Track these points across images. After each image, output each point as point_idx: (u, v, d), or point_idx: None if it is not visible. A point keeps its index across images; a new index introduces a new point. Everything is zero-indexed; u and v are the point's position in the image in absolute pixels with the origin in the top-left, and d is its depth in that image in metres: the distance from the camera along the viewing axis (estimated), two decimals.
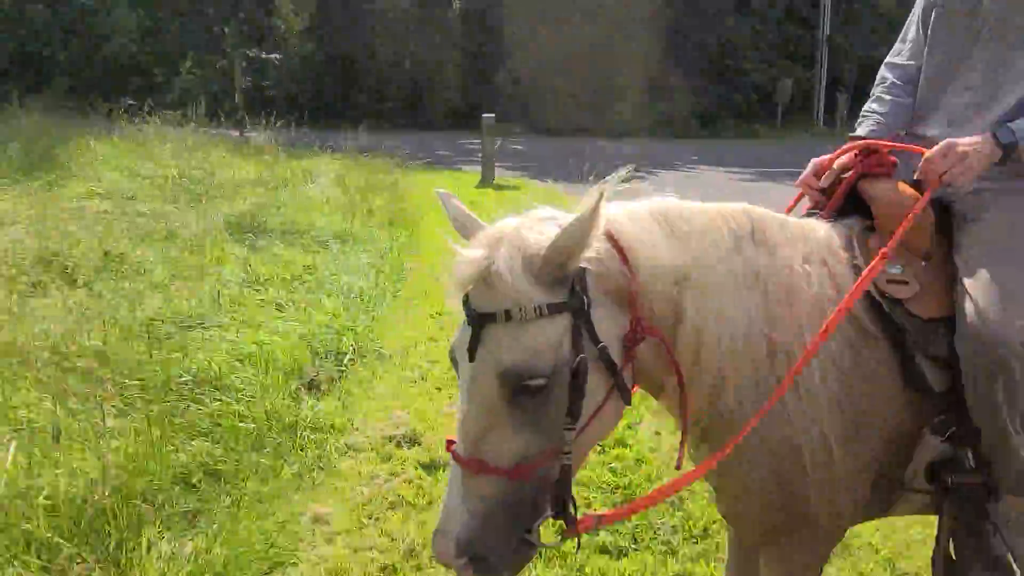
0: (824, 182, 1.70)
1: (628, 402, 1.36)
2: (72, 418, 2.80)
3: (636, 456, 3.30)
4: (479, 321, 1.21)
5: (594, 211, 1.18)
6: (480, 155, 11.97)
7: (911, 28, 1.86)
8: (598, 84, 25.36)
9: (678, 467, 1.48)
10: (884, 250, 1.46)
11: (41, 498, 2.25)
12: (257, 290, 4.86)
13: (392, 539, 2.67)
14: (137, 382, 3.19)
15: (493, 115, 11.92)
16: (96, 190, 7.91)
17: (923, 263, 1.56)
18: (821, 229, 1.59)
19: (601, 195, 1.18)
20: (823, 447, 1.45)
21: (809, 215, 1.74)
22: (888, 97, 1.83)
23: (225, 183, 8.95)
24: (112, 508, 2.28)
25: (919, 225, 1.53)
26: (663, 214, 1.44)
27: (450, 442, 1.27)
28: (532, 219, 1.32)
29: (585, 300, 1.24)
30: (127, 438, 2.71)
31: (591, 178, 1.36)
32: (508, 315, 1.19)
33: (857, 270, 1.50)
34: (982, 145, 1.52)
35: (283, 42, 22.24)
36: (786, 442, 1.44)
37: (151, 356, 3.43)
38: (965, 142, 1.52)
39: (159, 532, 2.38)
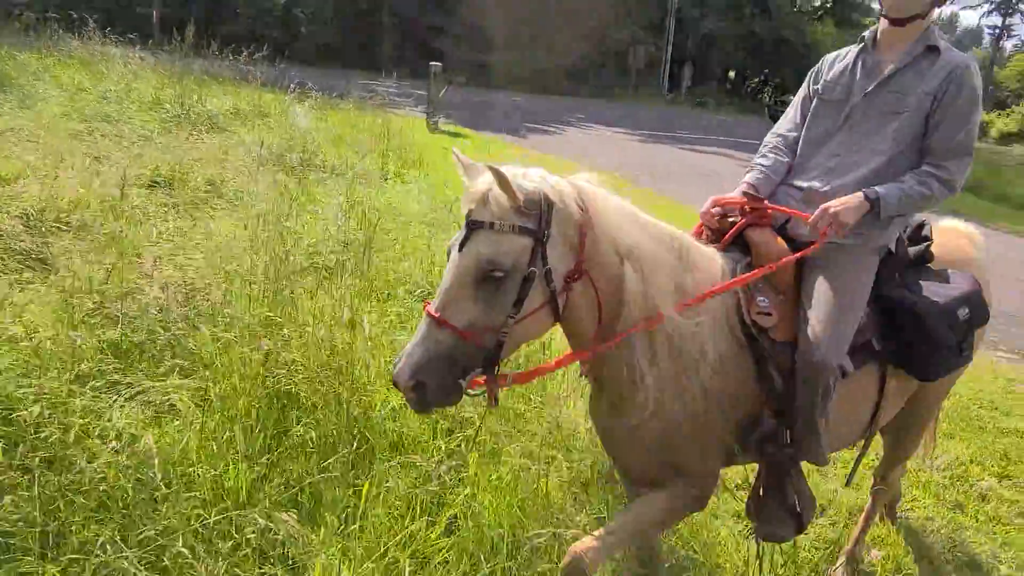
0: (713, 223, 2.18)
1: (555, 320, 1.76)
2: None
3: None
4: (473, 226, 1.65)
5: (561, 190, 1.71)
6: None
7: (793, 109, 2.35)
8: (478, 31, 25.73)
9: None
10: (748, 276, 1.95)
11: None
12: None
13: None
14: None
15: (440, 64, 12.40)
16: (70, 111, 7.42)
17: (782, 298, 2.01)
18: (719, 259, 2.02)
19: (569, 185, 1.74)
20: (702, 418, 1.92)
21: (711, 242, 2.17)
22: (772, 155, 2.28)
23: (202, 112, 8.75)
24: None
25: (783, 269, 1.99)
26: (633, 212, 1.88)
27: (426, 303, 1.68)
28: (526, 170, 1.75)
29: (547, 233, 1.67)
30: None
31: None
32: (492, 225, 1.64)
33: (737, 294, 1.96)
34: (852, 201, 1.96)
35: None
36: (677, 413, 1.89)
37: None
38: (835, 203, 1.96)
39: None
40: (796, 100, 2.35)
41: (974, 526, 3.14)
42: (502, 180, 1.60)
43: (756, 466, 2.16)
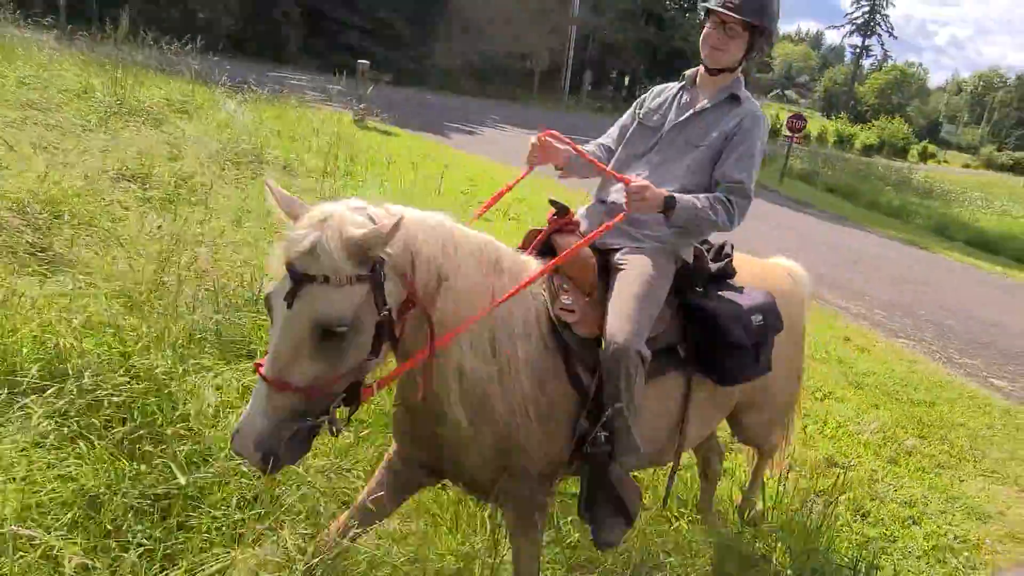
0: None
1: (394, 348, 1.78)
2: None
3: None
4: (301, 280, 1.53)
5: (394, 229, 1.56)
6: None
7: (617, 129, 2.58)
8: (385, 27, 25.66)
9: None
10: (543, 269, 2.03)
11: None
12: None
13: None
14: None
15: (368, 62, 12.47)
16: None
17: (586, 298, 2.09)
18: (532, 264, 2.09)
19: (400, 221, 1.56)
20: (527, 423, 1.98)
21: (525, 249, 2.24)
22: (598, 154, 2.52)
23: (137, 103, 8.51)
24: None
25: (586, 270, 2.10)
26: (448, 230, 1.87)
27: (258, 365, 1.58)
28: (347, 208, 1.65)
29: (382, 275, 1.63)
30: None
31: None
32: (327, 279, 1.53)
33: (543, 297, 2.03)
34: (657, 192, 2.10)
35: None
36: (502, 418, 1.94)
37: None
38: (654, 189, 2.10)
39: None
40: (621, 120, 2.59)
41: (907, 475, 3.83)
42: (333, 233, 1.55)
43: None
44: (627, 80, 40.54)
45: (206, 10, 21.83)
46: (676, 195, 2.12)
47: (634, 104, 2.57)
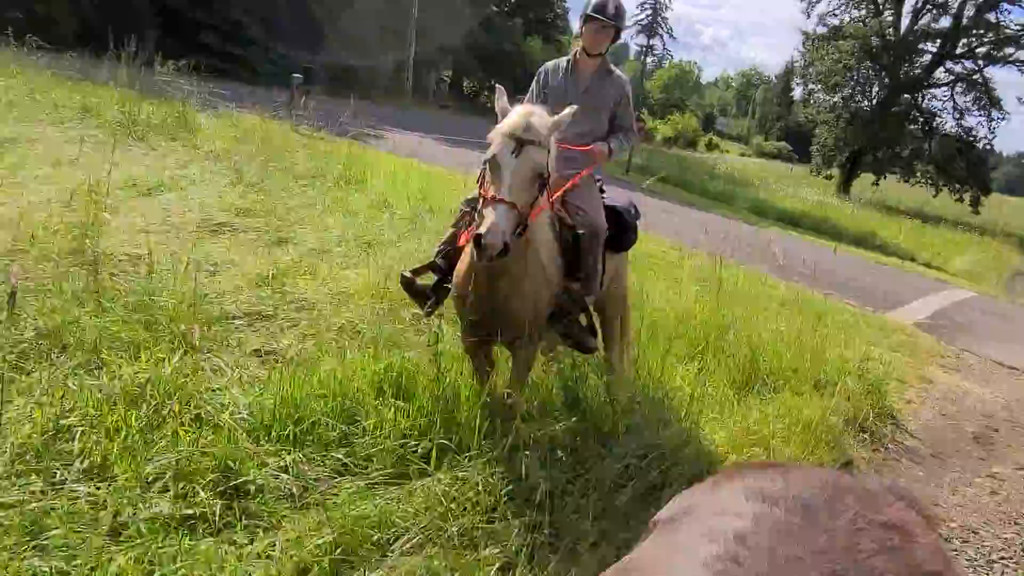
0: None
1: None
2: None
3: None
4: (524, 143, 2.64)
5: (565, 117, 2.83)
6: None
7: (531, 96, 3.62)
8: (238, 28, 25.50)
9: None
10: (568, 185, 3.28)
11: None
12: None
13: None
14: None
15: (301, 76, 13.42)
16: None
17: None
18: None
19: (572, 112, 2.85)
20: (542, 284, 3.03)
21: None
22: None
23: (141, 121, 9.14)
24: None
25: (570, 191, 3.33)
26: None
27: (493, 197, 2.57)
28: (531, 108, 2.83)
29: (549, 149, 2.80)
30: None
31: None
32: (538, 143, 2.67)
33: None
34: (605, 148, 3.49)
35: None
36: (538, 275, 2.98)
37: None
38: (603, 147, 3.49)
39: None
40: (532, 90, 3.66)
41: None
42: (539, 114, 2.75)
43: None
44: (463, 80, 42.82)
45: (49, 7, 20.55)
46: (609, 144, 3.54)
47: (536, 78, 3.69)
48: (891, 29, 31.76)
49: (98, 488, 2.25)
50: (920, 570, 0.87)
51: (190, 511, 2.28)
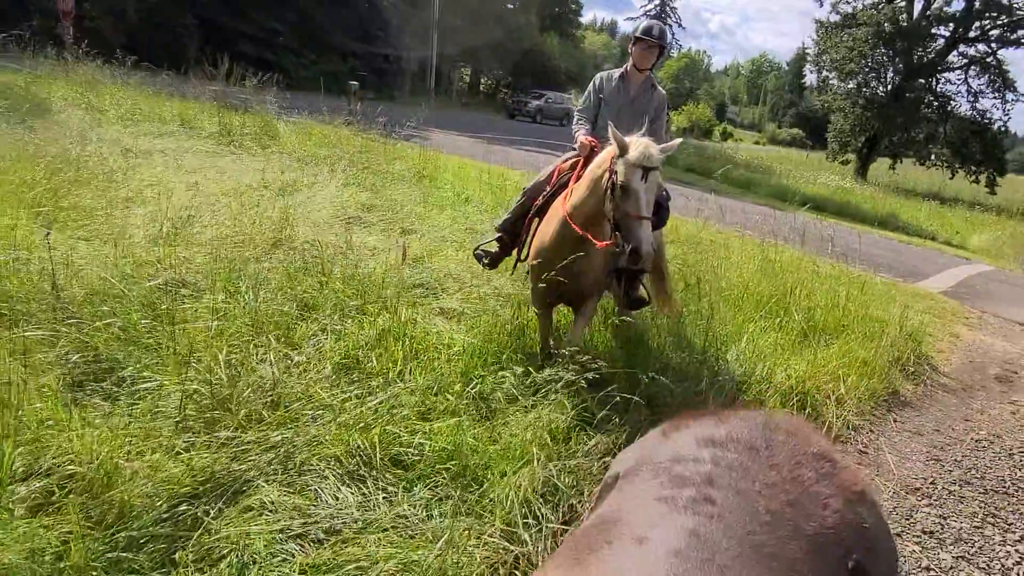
0: (586, 151, 4.03)
1: None
2: None
3: None
4: (651, 169, 3.24)
5: (671, 148, 3.47)
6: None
7: (586, 99, 4.43)
8: (272, 36, 26.62)
9: None
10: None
11: None
12: None
13: None
14: None
15: (357, 83, 14.51)
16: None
17: None
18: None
19: (677, 144, 3.60)
20: (607, 258, 3.72)
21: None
22: (584, 122, 4.34)
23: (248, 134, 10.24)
24: None
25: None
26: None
27: (637, 216, 3.20)
28: (646, 140, 3.34)
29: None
30: None
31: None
32: (658, 169, 3.29)
33: None
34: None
35: None
36: (603, 254, 3.65)
37: None
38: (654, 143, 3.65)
39: None
40: (589, 95, 4.39)
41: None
42: (654, 145, 3.31)
43: None
44: (482, 78, 43.79)
45: (97, 21, 21.75)
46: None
47: (592, 84, 4.42)
48: (904, 15, 32.39)
49: (403, 388, 3.31)
50: (850, 490, 0.99)
51: (442, 406, 3.33)
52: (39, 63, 12.22)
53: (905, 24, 32.03)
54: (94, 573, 2.08)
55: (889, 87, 33.39)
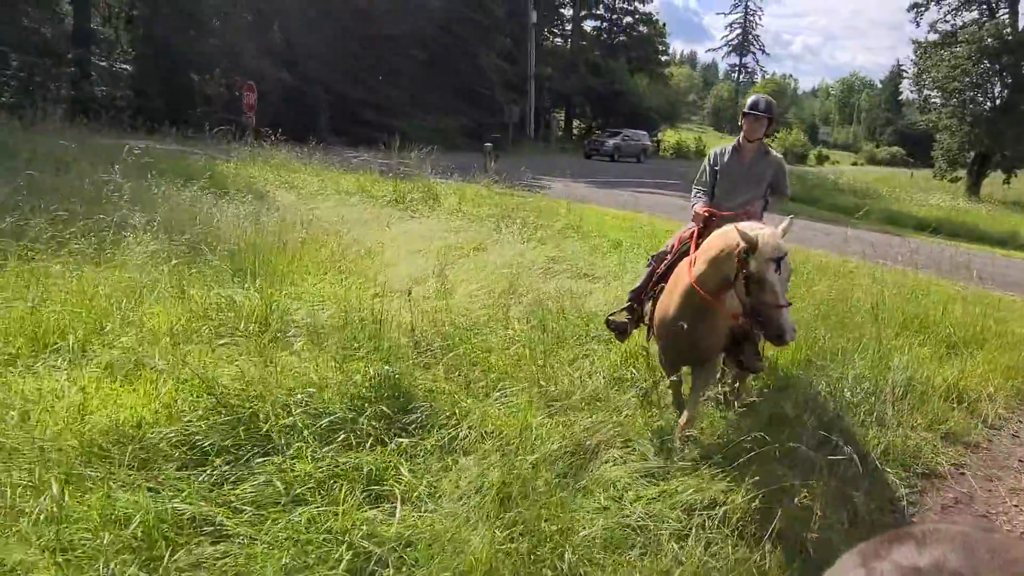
0: (700, 221, 4.31)
1: None
2: None
3: None
4: (782, 256, 3.36)
5: (787, 227, 3.62)
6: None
7: (702, 175, 4.65)
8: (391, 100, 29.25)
9: None
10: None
11: None
12: None
13: None
14: None
15: (491, 144, 16.34)
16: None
17: None
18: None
19: (789, 224, 3.66)
20: (724, 325, 3.93)
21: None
22: (700, 195, 4.55)
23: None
24: None
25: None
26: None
27: (777, 304, 3.34)
28: (770, 231, 3.43)
29: None
30: None
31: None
32: (786, 256, 3.39)
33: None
34: (757, 211, 4.36)
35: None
36: (725, 319, 3.85)
37: None
38: (756, 211, 4.36)
39: None
40: (705, 169, 4.63)
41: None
42: (779, 235, 3.43)
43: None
44: (575, 123, 45.68)
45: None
46: (758, 209, 4.42)
47: (708, 159, 4.69)
48: (1008, 29, 31.90)
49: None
50: None
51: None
52: (233, 150, 14.61)
53: (1011, 38, 31.53)
54: None
55: (996, 102, 32.73)
